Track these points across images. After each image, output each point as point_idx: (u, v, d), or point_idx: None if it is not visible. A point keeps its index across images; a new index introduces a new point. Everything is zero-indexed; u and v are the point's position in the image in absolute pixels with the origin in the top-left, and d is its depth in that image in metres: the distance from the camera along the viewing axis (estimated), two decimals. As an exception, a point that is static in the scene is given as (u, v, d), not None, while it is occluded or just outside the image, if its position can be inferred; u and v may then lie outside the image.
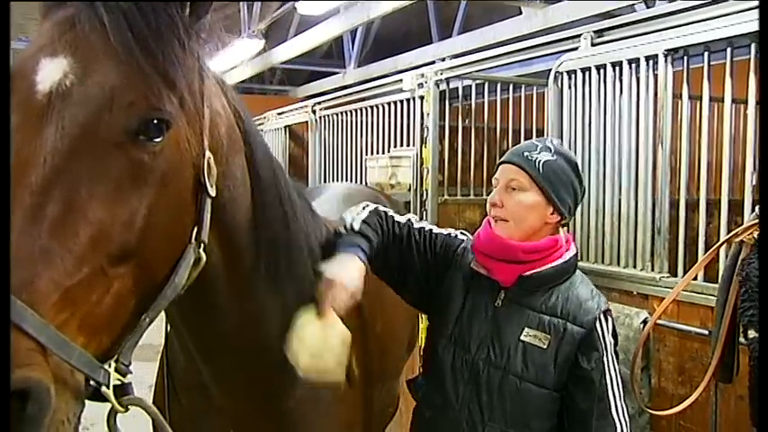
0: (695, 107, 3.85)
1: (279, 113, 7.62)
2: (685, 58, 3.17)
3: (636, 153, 3.26)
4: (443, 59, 7.79)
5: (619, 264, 3.35)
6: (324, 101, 6.51)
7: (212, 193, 1.42)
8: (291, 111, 7.28)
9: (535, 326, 2.01)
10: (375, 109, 5.53)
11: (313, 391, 1.98)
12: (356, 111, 5.84)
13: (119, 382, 1.22)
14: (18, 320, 1.01)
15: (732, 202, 2.99)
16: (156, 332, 1.88)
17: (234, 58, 9.29)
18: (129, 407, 1.25)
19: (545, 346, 1.98)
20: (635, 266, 3.28)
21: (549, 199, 2.02)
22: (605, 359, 1.98)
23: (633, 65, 3.25)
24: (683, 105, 3.17)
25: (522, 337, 2.00)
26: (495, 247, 2.05)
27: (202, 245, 1.41)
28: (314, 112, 6.59)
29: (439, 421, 2.16)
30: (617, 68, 3.33)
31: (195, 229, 1.40)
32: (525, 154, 2.05)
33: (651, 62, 3.17)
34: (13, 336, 1.01)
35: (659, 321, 2.80)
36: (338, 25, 8.22)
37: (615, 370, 2.00)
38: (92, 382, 1.16)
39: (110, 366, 1.21)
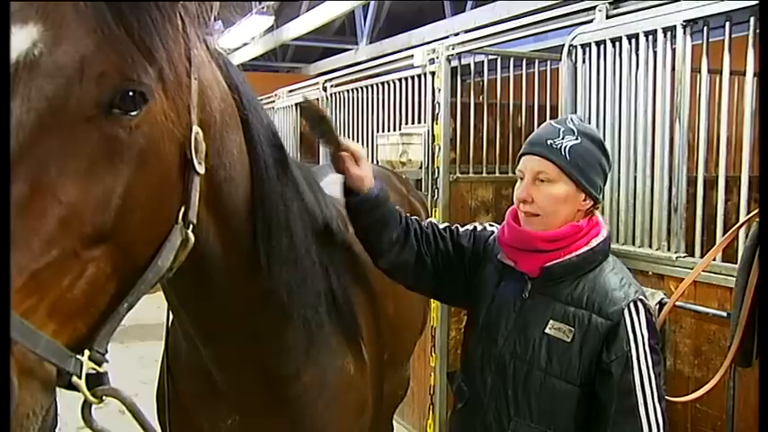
0: (715, 81, 3.74)
1: (290, 91, 7.54)
2: (705, 29, 3.05)
3: (652, 129, 3.16)
4: (456, 34, 7.66)
5: (634, 243, 3.26)
6: (334, 78, 6.41)
7: (200, 170, 1.35)
8: (302, 88, 7.19)
9: (560, 318, 1.94)
10: (386, 85, 5.43)
11: (321, 378, 1.94)
12: (367, 87, 5.73)
13: (93, 372, 1.15)
14: None
15: (753, 178, 2.88)
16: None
17: (244, 35, 9.19)
18: (105, 398, 1.19)
19: (569, 340, 1.92)
20: (650, 246, 3.19)
21: (579, 186, 1.96)
22: (633, 353, 1.87)
23: (650, 37, 3.13)
24: (701, 79, 3.06)
25: (546, 330, 1.96)
26: (517, 237, 2.01)
27: (191, 225, 1.34)
28: (324, 89, 6.49)
29: (468, 414, 2.15)
30: (633, 41, 3.21)
31: (182, 209, 1.33)
32: (549, 142, 1.97)
33: (669, 34, 3.06)
34: None
35: (676, 303, 2.72)
36: (350, 1, 8.09)
37: (649, 366, 1.86)
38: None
39: (83, 355, 1.14)
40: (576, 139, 1.97)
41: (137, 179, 1.19)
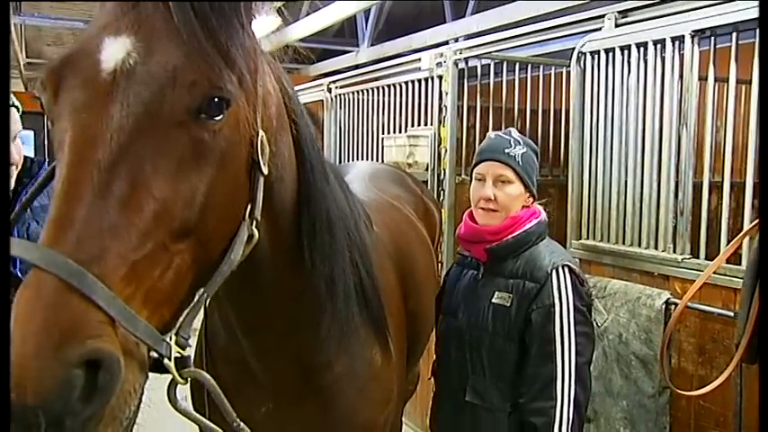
0: (721, 89, 3.84)
1: (293, 92, 7.57)
2: (712, 38, 3.15)
3: (659, 135, 3.26)
4: (456, 40, 7.74)
5: (640, 245, 3.36)
6: (340, 79, 6.48)
7: (265, 171, 1.44)
8: (306, 89, 7.25)
9: (503, 289, 2.33)
10: (392, 88, 5.51)
11: (351, 367, 2.03)
12: (372, 90, 5.81)
13: (179, 355, 1.24)
14: (89, 293, 1.03)
15: (756, 184, 2.98)
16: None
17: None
18: (189, 378, 1.28)
19: (508, 304, 2.29)
20: (656, 247, 3.29)
21: (526, 186, 2.38)
22: (557, 308, 2.20)
23: (659, 46, 3.23)
24: (708, 87, 3.16)
25: (492, 300, 2.34)
26: (471, 232, 2.43)
27: (255, 221, 1.43)
28: (329, 90, 6.56)
29: (440, 384, 2.59)
30: (642, 49, 3.31)
31: (249, 207, 1.42)
32: (506, 151, 2.37)
33: (677, 43, 3.15)
34: (84, 308, 1.03)
35: (680, 302, 2.81)
36: (352, 5, 8.14)
37: (571, 323, 2.20)
38: (153, 354, 1.19)
39: (170, 339, 1.23)
40: (523, 148, 2.38)
41: (217, 178, 1.29)
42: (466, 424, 2.37)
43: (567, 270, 2.26)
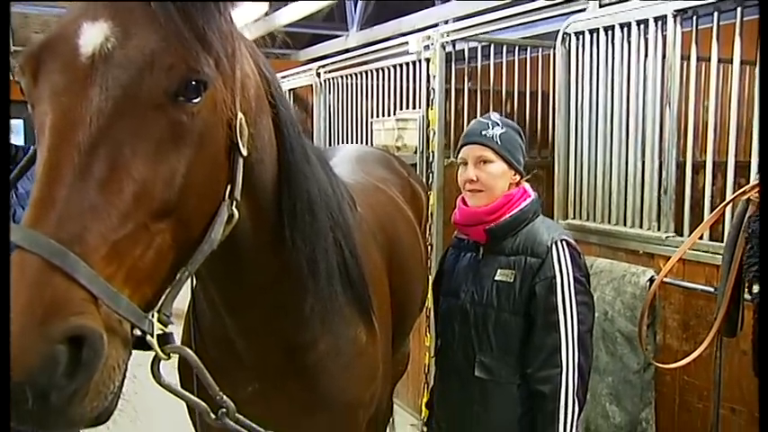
0: (703, 68, 3.87)
1: (282, 77, 7.59)
2: (694, 18, 3.18)
3: (643, 114, 3.30)
4: (446, 22, 7.74)
5: (625, 224, 3.41)
6: (329, 63, 6.49)
7: (244, 152, 1.47)
8: (295, 74, 7.25)
9: (505, 266, 2.42)
10: (380, 72, 5.53)
11: (335, 346, 2.06)
12: (361, 74, 5.82)
13: (161, 332, 1.27)
14: (72, 272, 1.06)
15: (738, 163, 3.03)
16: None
17: (238, 21, 9.19)
18: (171, 355, 1.31)
19: (512, 280, 2.38)
20: (641, 226, 3.33)
21: (509, 164, 2.44)
22: (558, 280, 2.30)
23: (642, 26, 3.26)
24: (690, 66, 3.19)
25: (496, 278, 2.42)
26: (466, 215, 2.50)
27: (235, 202, 1.46)
28: (318, 75, 6.57)
29: (444, 363, 2.64)
30: (625, 29, 3.34)
31: (229, 187, 1.45)
32: (484, 133, 2.45)
33: (660, 23, 3.19)
34: (67, 286, 1.06)
35: (665, 279, 2.87)
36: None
37: (572, 293, 2.29)
38: (136, 332, 1.22)
39: (153, 317, 1.26)
40: (502, 128, 2.46)
41: (195, 160, 1.31)
42: (474, 398, 2.45)
43: (565, 244, 2.36)
